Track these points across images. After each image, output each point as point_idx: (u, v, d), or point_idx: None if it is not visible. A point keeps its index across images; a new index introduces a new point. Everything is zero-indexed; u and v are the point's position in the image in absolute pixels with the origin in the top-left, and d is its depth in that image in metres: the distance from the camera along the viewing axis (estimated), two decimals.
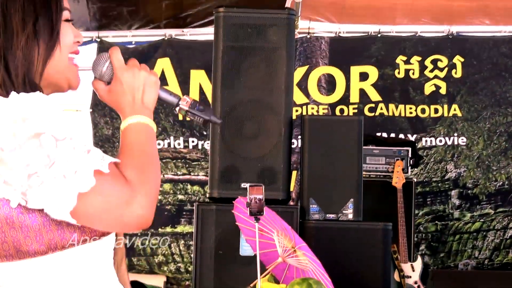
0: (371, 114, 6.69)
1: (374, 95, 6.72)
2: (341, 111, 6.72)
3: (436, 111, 6.72)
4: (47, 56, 1.70)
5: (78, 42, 1.81)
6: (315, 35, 6.79)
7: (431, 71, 6.74)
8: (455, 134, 6.69)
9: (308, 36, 6.77)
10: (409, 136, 6.69)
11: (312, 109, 6.74)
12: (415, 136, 6.69)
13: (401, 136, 6.68)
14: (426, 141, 6.70)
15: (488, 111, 6.70)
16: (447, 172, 6.68)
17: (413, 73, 6.75)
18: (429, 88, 6.73)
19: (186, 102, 1.88)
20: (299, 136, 5.48)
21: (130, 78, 1.80)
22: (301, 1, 6.28)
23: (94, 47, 6.67)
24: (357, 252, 4.13)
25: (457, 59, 6.74)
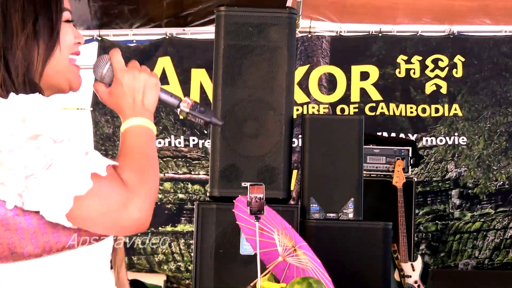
0: (372, 114, 6.69)
1: (375, 94, 6.72)
2: (342, 110, 6.72)
3: (436, 110, 6.72)
4: (47, 56, 1.70)
5: (79, 43, 1.80)
6: (316, 34, 6.78)
7: (432, 70, 6.74)
8: (456, 134, 6.69)
9: (309, 35, 6.77)
10: (410, 135, 6.69)
11: (313, 108, 6.74)
12: (415, 135, 6.69)
13: (402, 135, 6.68)
14: (427, 140, 6.70)
15: (489, 111, 6.70)
16: (448, 171, 6.68)
17: (414, 73, 6.75)
18: (429, 87, 6.73)
19: (187, 104, 1.87)
20: (300, 135, 5.48)
21: (130, 80, 1.79)
22: (302, 0, 6.28)
23: (95, 45, 6.67)
24: (358, 251, 4.13)
25: (458, 59, 6.74)
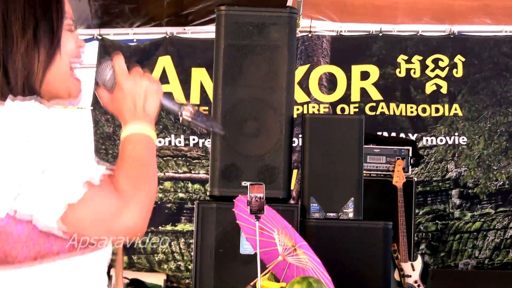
0: (372, 113, 6.69)
1: (375, 94, 6.72)
2: (342, 110, 6.72)
3: (437, 110, 6.72)
4: (48, 64, 1.69)
5: (80, 46, 1.79)
6: (317, 34, 6.78)
7: (432, 70, 6.74)
8: (456, 134, 6.69)
9: (310, 34, 6.77)
10: (410, 135, 6.69)
11: (313, 107, 6.74)
12: (415, 135, 6.69)
13: (402, 135, 6.68)
14: (427, 140, 6.70)
15: (489, 111, 6.70)
16: (448, 171, 6.68)
17: (414, 73, 6.75)
18: (430, 87, 6.73)
19: (189, 112, 1.86)
20: (300, 135, 5.48)
21: (131, 85, 1.78)
22: (303, 0, 6.27)
23: (95, 44, 6.67)
24: (358, 251, 4.13)
25: (458, 59, 6.74)
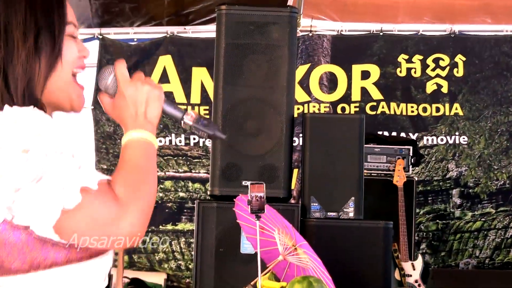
0: (373, 113, 6.69)
1: (376, 93, 6.72)
2: (343, 109, 6.72)
3: (437, 110, 6.71)
4: (48, 71, 1.68)
5: (83, 56, 1.78)
6: (317, 33, 6.78)
7: (433, 70, 6.74)
8: (457, 133, 6.69)
9: (310, 34, 6.77)
10: (411, 134, 6.69)
11: (314, 107, 6.74)
12: (416, 134, 6.69)
13: (403, 134, 6.68)
14: (428, 139, 6.70)
15: (490, 110, 6.70)
16: (448, 171, 6.68)
17: (415, 72, 6.75)
18: (430, 87, 6.73)
19: (191, 117, 1.85)
20: (301, 134, 5.48)
21: (132, 92, 1.76)
22: None
23: (96, 44, 6.67)
24: (358, 250, 4.13)
25: (459, 58, 6.74)
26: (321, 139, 4.27)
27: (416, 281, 5.72)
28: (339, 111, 6.68)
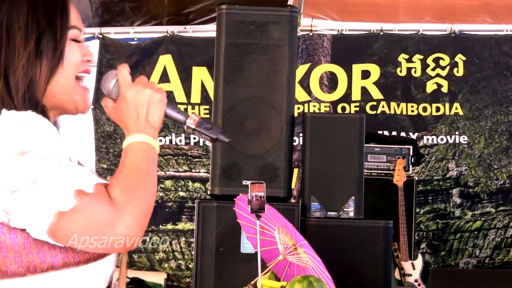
0: (373, 112, 6.69)
1: (376, 93, 6.72)
2: (343, 109, 6.72)
3: (437, 109, 6.72)
4: (50, 75, 1.68)
5: (88, 61, 1.78)
6: (318, 33, 6.78)
7: (433, 69, 6.74)
8: (457, 133, 6.69)
9: (311, 33, 6.77)
10: (411, 134, 6.69)
11: (314, 106, 6.74)
12: (416, 134, 6.69)
13: (403, 134, 6.68)
14: (428, 139, 6.70)
15: (490, 110, 6.70)
16: (448, 170, 6.68)
17: (415, 72, 6.75)
18: (431, 86, 6.73)
19: (194, 121, 1.84)
20: (301, 134, 5.48)
21: (134, 95, 1.76)
22: None
23: (96, 43, 6.67)
24: (358, 250, 4.13)
25: (459, 58, 6.74)
26: (321, 139, 4.27)
27: (416, 281, 5.72)
28: (339, 110, 6.68)
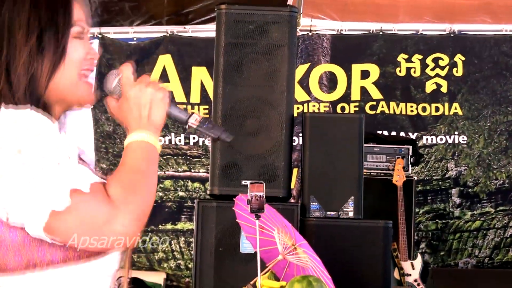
0: (372, 112, 6.69)
1: (375, 93, 6.72)
2: (342, 108, 6.72)
3: (437, 109, 6.72)
4: (52, 71, 1.68)
5: (92, 58, 1.78)
6: (317, 33, 6.78)
7: (432, 69, 6.74)
8: (456, 133, 6.69)
9: (310, 33, 6.77)
10: (410, 134, 6.69)
11: (313, 106, 6.74)
12: (416, 134, 6.69)
13: (402, 134, 6.68)
14: (427, 139, 6.71)
15: (489, 110, 6.70)
16: (448, 170, 6.68)
17: (415, 72, 6.75)
18: (430, 86, 6.73)
19: (196, 120, 1.84)
20: (300, 134, 5.48)
21: (136, 94, 1.76)
22: None
23: (95, 43, 6.67)
24: (358, 249, 4.13)
25: (458, 58, 6.74)
26: (320, 139, 4.27)
27: (415, 281, 5.73)
28: (338, 110, 6.68)
